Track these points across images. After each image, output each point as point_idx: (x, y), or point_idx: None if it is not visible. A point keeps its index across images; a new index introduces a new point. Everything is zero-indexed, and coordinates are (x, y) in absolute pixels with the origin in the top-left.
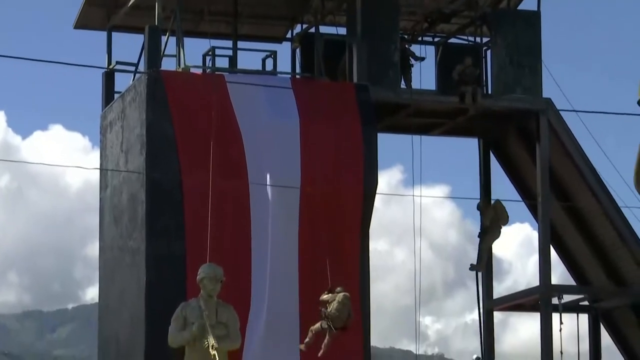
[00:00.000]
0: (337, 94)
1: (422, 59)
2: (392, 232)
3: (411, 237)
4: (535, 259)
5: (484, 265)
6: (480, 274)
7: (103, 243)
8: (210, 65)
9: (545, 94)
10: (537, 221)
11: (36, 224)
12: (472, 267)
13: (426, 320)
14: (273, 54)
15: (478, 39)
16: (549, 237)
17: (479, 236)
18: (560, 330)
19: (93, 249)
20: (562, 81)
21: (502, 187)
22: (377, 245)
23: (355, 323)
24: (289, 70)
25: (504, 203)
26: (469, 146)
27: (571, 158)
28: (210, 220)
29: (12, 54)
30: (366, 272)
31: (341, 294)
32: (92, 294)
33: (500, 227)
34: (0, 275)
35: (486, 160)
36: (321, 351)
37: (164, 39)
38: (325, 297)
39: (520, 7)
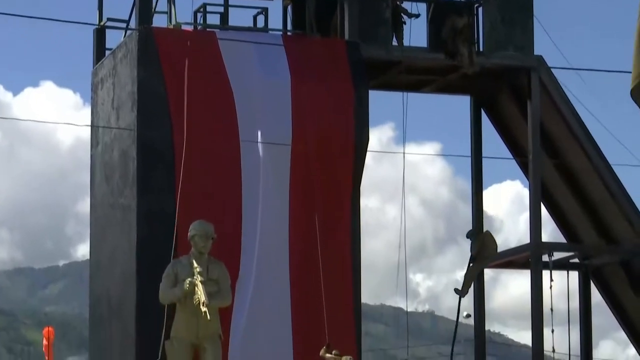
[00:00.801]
0: (329, 51)
1: (416, 15)
2: (383, 190)
3: (402, 194)
4: (526, 216)
5: (467, 290)
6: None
7: (94, 200)
8: (201, 22)
9: (537, 52)
10: (527, 179)
11: (27, 181)
12: (456, 291)
13: (417, 278)
14: (264, 11)
15: None
16: (540, 195)
17: (468, 263)
18: (551, 287)
19: (84, 206)
20: (555, 38)
21: (493, 145)
22: (369, 202)
23: (346, 280)
24: (281, 27)
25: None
26: (461, 104)
27: (562, 115)
28: (201, 177)
29: (3, 11)
30: (357, 229)
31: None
32: (83, 250)
33: (487, 258)
34: None
35: (477, 117)
36: None
37: None
38: (327, 356)
39: None
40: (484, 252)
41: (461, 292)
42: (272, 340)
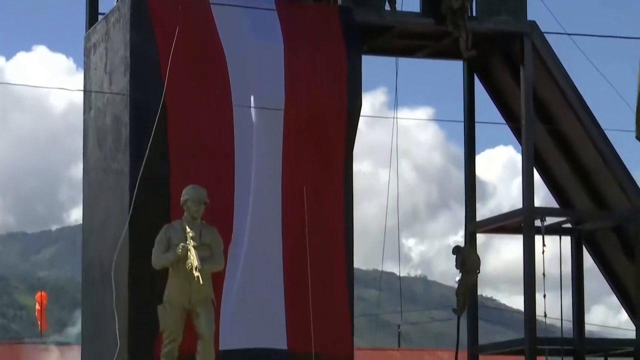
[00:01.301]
0: (322, 16)
1: None
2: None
3: (395, 159)
4: (518, 181)
5: (463, 308)
6: (464, 200)
7: (87, 165)
8: None
9: (530, 17)
10: (520, 144)
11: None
12: (454, 311)
13: (409, 242)
14: None
15: None
16: (533, 160)
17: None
18: (543, 252)
19: (77, 171)
20: (549, 3)
21: (486, 110)
22: (362, 167)
23: (339, 245)
24: None
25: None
26: (453, 69)
27: (555, 81)
28: (193, 142)
29: None
30: (350, 193)
31: None
32: (76, 215)
33: (470, 272)
34: None
35: (470, 83)
36: None
37: None
38: None
39: None
40: (467, 267)
41: (458, 311)
42: (264, 305)
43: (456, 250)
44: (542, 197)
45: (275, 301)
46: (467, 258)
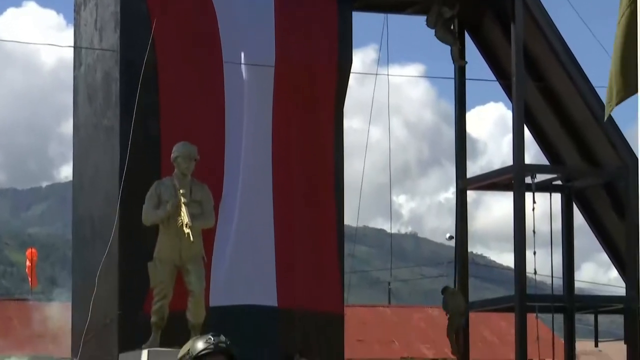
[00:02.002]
0: None
1: None
2: (367, 111)
3: (386, 116)
4: (509, 138)
5: (459, 351)
6: (455, 155)
7: (77, 121)
8: None
9: None
10: (511, 101)
11: (10, 102)
12: (453, 353)
13: (400, 199)
14: None
15: None
16: (523, 117)
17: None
18: (533, 209)
19: (67, 127)
20: None
21: (477, 67)
22: (352, 123)
23: (329, 202)
24: None
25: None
26: None
27: (545, 38)
28: (184, 99)
29: None
30: (340, 149)
31: None
32: (66, 172)
33: (457, 314)
34: None
35: (461, 39)
36: None
37: None
38: None
39: None
40: (452, 309)
41: (456, 353)
42: (255, 262)
43: (443, 291)
44: (533, 154)
45: (266, 258)
46: (449, 303)
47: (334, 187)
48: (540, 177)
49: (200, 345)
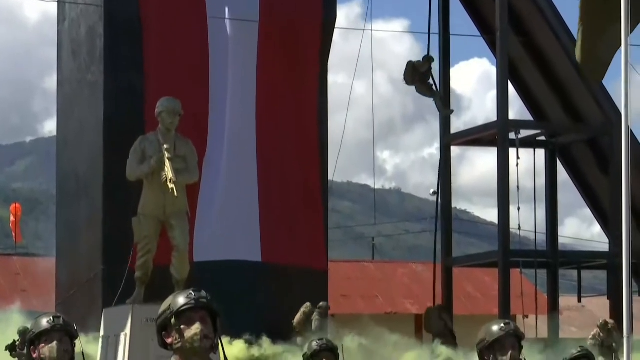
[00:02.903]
0: None
1: None
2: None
3: (371, 71)
4: (493, 94)
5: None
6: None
7: (61, 76)
8: None
9: None
10: (495, 56)
11: None
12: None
13: (384, 155)
14: None
15: None
16: (507, 73)
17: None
18: (517, 165)
19: (51, 82)
20: None
21: (462, 22)
22: (337, 79)
23: (313, 157)
24: None
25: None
26: None
27: None
28: (169, 54)
29: None
30: (324, 105)
31: None
32: (50, 127)
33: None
34: None
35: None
36: None
37: None
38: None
39: None
40: (433, 331)
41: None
42: (239, 217)
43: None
44: (517, 110)
45: (250, 213)
46: (432, 325)
47: (317, 142)
48: (524, 133)
49: (181, 300)
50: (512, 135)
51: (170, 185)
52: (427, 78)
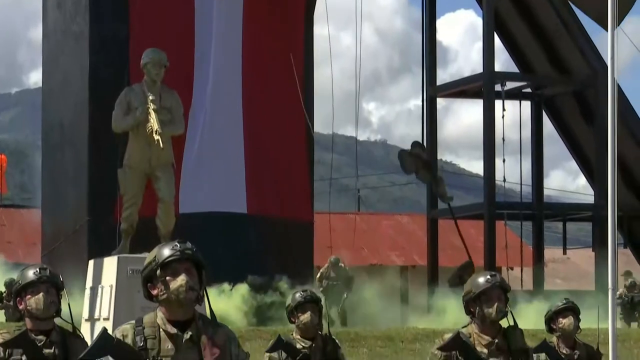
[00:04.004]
0: None
1: None
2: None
3: (356, 23)
4: (479, 46)
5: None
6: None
7: (46, 27)
8: None
9: None
10: (481, 7)
11: None
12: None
13: (370, 106)
14: None
15: None
16: (493, 24)
17: None
18: (503, 116)
19: (36, 33)
20: None
21: None
22: (322, 30)
23: (298, 109)
24: None
25: None
26: None
27: None
28: (153, 4)
29: None
30: (310, 56)
31: None
32: (35, 78)
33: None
34: None
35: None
36: None
37: None
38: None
39: None
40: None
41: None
42: (224, 169)
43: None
44: (503, 62)
45: (235, 165)
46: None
47: (303, 94)
48: (510, 85)
49: (166, 252)
50: (497, 87)
51: (156, 137)
52: (429, 165)
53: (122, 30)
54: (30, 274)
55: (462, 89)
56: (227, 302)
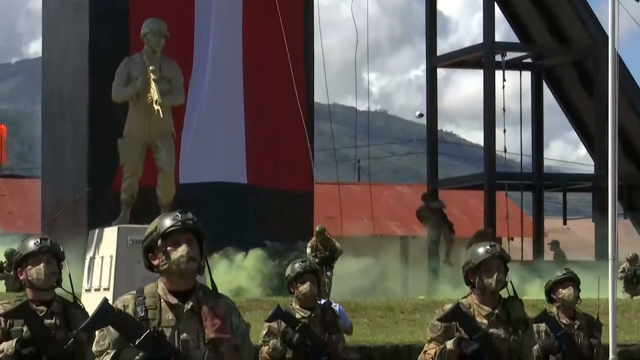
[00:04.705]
0: None
1: None
2: None
3: None
4: (479, 16)
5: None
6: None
7: None
8: None
9: None
10: None
11: None
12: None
13: (370, 77)
14: None
15: None
16: None
17: None
18: (503, 87)
19: (36, 2)
20: None
21: None
22: (323, 0)
23: (299, 79)
24: None
25: None
26: None
27: None
28: None
29: None
30: (310, 26)
31: None
32: (35, 48)
33: None
34: None
35: None
36: None
37: None
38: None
39: None
40: None
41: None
42: (224, 139)
43: None
44: (503, 32)
45: (236, 135)
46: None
47: (303, 64)
48: (511, 55)
49: (167, 222)
50: (498, 58)
51: (156, 107)
52: (440, 212)
53: (122, 0)
54: (31, 244)
55: (462, 59)
56: (237, 273)
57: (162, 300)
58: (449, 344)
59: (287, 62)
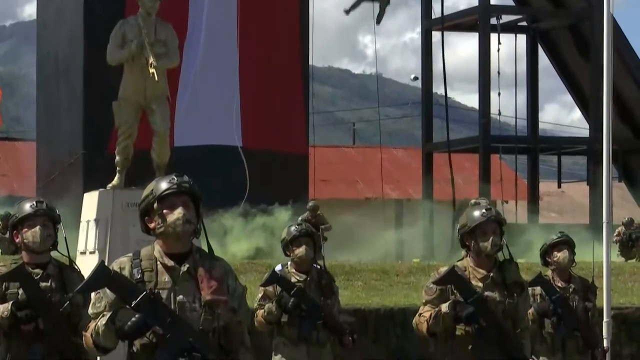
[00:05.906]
0: None
1: None
2: None
3: None
4: None
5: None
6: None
7: None
8: None
9: None
10: None
11: None
12: None
13: (366, 39)
14: None
15: None
16: None
17: None
18: (498, 50)
19: None
20: None
21: None
22: None
23: (294, 42)
24: None
25: None
26: None
27: None
28: None
29: None
30: None
31: None
32: (30, 10)
33: None
34: None
35: None
36: None
37: None
38: None
39: None
40: None
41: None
42: (219, 102)
43: None
44: None
45: (231, 98)
46: None
47: (299, 27)
48: (506, 18)
49: (163, 185)
50: (493, 21)
51: (151, 70)
52: None
53: None
54: (27, 207)
55: (457, 22)
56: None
57: (158, 263)
58: (444, 307)
59: (282, 24)
